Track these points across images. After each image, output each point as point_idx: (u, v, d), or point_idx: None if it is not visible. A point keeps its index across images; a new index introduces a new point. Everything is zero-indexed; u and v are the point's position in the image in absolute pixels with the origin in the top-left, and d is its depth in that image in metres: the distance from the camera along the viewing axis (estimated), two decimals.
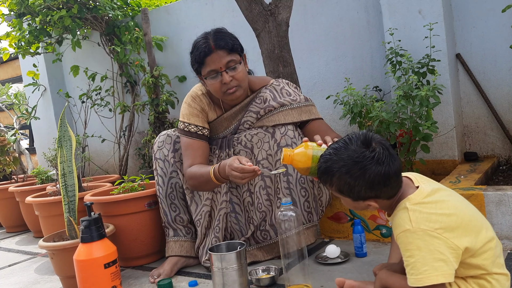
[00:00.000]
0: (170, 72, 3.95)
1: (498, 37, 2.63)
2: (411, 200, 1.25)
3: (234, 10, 3.44)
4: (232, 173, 1.71)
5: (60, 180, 2.12)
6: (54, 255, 2.05)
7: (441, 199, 1.25)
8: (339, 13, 3.12)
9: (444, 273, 1.16)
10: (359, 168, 1.27)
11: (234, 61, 1.96)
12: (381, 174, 1.26)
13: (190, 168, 2.00)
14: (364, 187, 1.28)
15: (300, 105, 2.09)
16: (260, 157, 2.02)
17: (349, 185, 1.30)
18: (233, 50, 1.96)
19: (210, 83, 1.99)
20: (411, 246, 1.19)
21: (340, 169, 1.30)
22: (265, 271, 1.89)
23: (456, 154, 2.61)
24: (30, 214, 3.15)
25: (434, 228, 1.18)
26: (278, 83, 2.16)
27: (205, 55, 1.94)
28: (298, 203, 2.03)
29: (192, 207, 2.11)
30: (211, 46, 1.93)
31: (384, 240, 2.15)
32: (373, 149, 1.28)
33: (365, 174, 1.27)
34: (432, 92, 2.23)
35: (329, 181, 1.35)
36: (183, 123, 2.10)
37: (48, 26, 4.01)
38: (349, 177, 1.29)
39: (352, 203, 1.35)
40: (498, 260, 1.24)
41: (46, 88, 4.77)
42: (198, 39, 2.00)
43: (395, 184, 1.29)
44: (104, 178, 3.47)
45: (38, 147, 5.10)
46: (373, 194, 1.29)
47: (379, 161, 1.26)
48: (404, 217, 1.23)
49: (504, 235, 1.88)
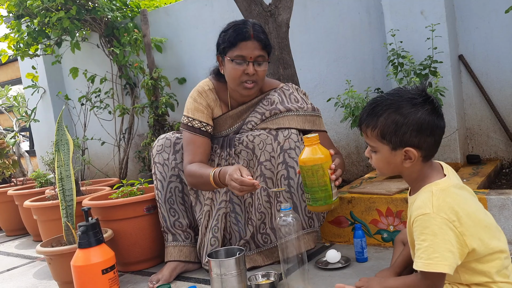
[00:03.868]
0: (170, 74, 3.93)
1: (501, 38, 2.61)
2: (438, 185, 1.24)
3: (234, 11, 3.41)
4: (231, 183, 1.70)
5: (58, 185, 2.10)
6: (52, 260, 2.03)
7: (464, 195, 1.24)
8: (340, 14, 3.10)
9: (450, 264, 1.16)
10: (412, 104, 1.24)
11: (263, 58, 1.97)
12: (431, 119, 1.23)
13: (190, 166, 1.97)
14: (411, 127, 1.23)
15: (306, 114, 2.08)
16: (262, 158, 1.99)
17: (396, 124, 1.24)
18: (265, 47, 1.97)
19: (232, 67, 1.96)
20: (427, 230, 1.18)
21: (390, 106, 1.26)
22: (265, 277, 1.86)
23: (458, 157, 2.58)
24: (29, 218, 3.12)
25: (452, 220, 1.18)
26: (288, 87, 2.14)
27: (241, 39, 1.92)
28: (299, 207, 2.00)
29: (197, 208, 2.10)
30: (250, 33, 1.92)
31: (385, 244, 2.13)
32: (429, 95, 1.26)
33: (417, 113, 1.23)
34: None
35: (372, 124, 1.29)
36: (187, 117, 2.07)
37: (46, 28, 4.00)
38: (399, 114, 1.24)
39: (389, 155, 1.29)
40: (504, 271, 1.23)
41: (46, 90, 4.75)
42: (237, 22, 1.99)
43: (439, 140, 1.27)
44: (103, 182, 3.45)
45: (38, 149, 5.09)
46: (416, 141, 1.24)
47: (433, 105, 1.24)
48: (427, 200, 1.22)
49: (507, 240, 1.85)
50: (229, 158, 2.03)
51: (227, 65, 1.98)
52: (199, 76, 3.81)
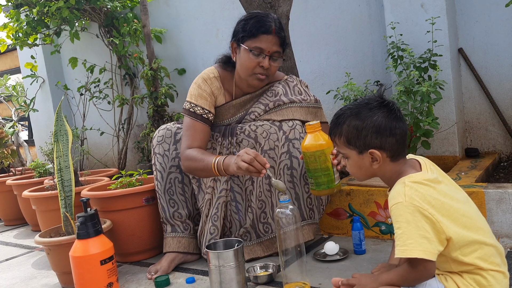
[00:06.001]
0: (169, 64, 3.92)
1: (501, 32, 2.60)
2: (411, 178, 1.29)
3: (234, 2, 3.40)
4: (244, 155, 1.67)
5: (57, 175, 2.10)
6: (51, 250, 2.04)
7: (439, 188, 1.27)
8: (340, 6, 3.09)
9: (425, 250, 1.19)
10: (368, 109, 1.33)
11: (279, 54, 1.99)
12: (388, 120, 1.31)
13: (189, 150, 1.97)
14: (370, 130, 1.31)
15: (309, 106, 2.10)
16: (266, 146, 1.98)
17: (357, 129, 1.33)
18: (283, 44, 2.00)
19: (248, 57, 1.96)
20: (401, 218, 1.23)
21: (351, 114, 1.36)
22: (263, 268, 1.87)
23: (457, 150, 2.59)
24: (28, 208, 3.12)
25: (425, 208, 1.21)
26: (292, 79, 2.16)
27: (263, 32, 1.93)
28: (301, 198, 2.01)
29: (199, 196, 2.11)
30: (272, 28, 1.94)
31: (383, 237, 2.14)
32: (385, 99, 1.35)
33: (374, 116, 1.32)
34: (434, 87, 2.20)
35: (338, 132, 1.38)
36: (190, 103, 2.06)
37: (46, 17, 3.97)
38: (358, 119, 1.33)
39: (357, 159, 1.37)
40: (492, 258, 1.25)
41: (45, 80, 4.74)
42: (259, 13, 2.00)
43: (401, 140, 1.33)
44: (102, 172, 3.45)
45: (37, 139, 5.08)
46: (378, 142, 1.32)
47: (389, 108, 1.33)
48: (399, 190, 1.27)
49: (504, 233, 1.87)
50: (230, 147, 2.03)
51: (242, 53, 1.98)
52: (198, 67, 3.80)
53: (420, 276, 1.25)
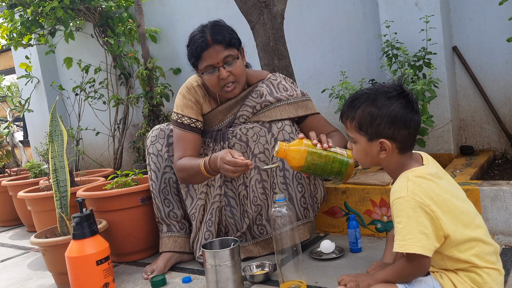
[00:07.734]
0: (165, 64, 3.92)
1: (495, 30, 2.61)
2: (414, 172, 1.28)
3: (229, 1, 3.40)
4: (224, 166, 1.69)
5: (52, 176, 2.09)
6: (46, 251, 2.03)
7: (441, 183, 1.27)
8: (335, 5, 3.09)
9: (423, 245, 1.20)
10: (387, 97, 1.30)
11: (232, 56, 1.92)
12: (405, 112, 1.29)
13: (180, 160, 1.98)
14: (385, 119, 1.29)
15: (297, 100, 2.07)
16: (256, 150, 1.99)
17: (371, 116, 1.30)
18: (230, 44, 1.92)
19: (207, 78, 1.96)
20: (402, 213, 1.23)
21: (367, 99, 1.32)
22: (259, 267, 1.87)
23: (452, 148, 2.60)
24: (23, 209, 3.12)
25: (427, 203, 1.22)
26: (275, 77, 2.13)
27: (202, 50, 1.90)
28: (294, 198, 2.01)
29: (187, 201, 2.09)
30: (208, 41, 1.89)
31: (379, 235, 2.14)
32: (404, 90, 1.32)
33: (391, 106, 1.29)
34: (428, 86, 2.20)
35: (351, 116, 1.35)
36: (177, 114, 2.07)
37: (40, 17, 3.97)
38: (374, 106, 1.30)
39: (366, 146, 1.35)
40: (488, 257, 1.26)
41: (40, 80, 4.72)
42: (194, 32, 1.96)
43: (413, 133, 1.32)
44: (97, 172, 3.44)
45: (32, 139, 5.07)
46: (390, 132, 1.30)
47: (408, 99, 1.30)
48: (402, 185, 1.26)
49: (499, 230, 1.87)
50: None
51: (203, 76, 1.99)
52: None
53: (415, 271, 1.26)
